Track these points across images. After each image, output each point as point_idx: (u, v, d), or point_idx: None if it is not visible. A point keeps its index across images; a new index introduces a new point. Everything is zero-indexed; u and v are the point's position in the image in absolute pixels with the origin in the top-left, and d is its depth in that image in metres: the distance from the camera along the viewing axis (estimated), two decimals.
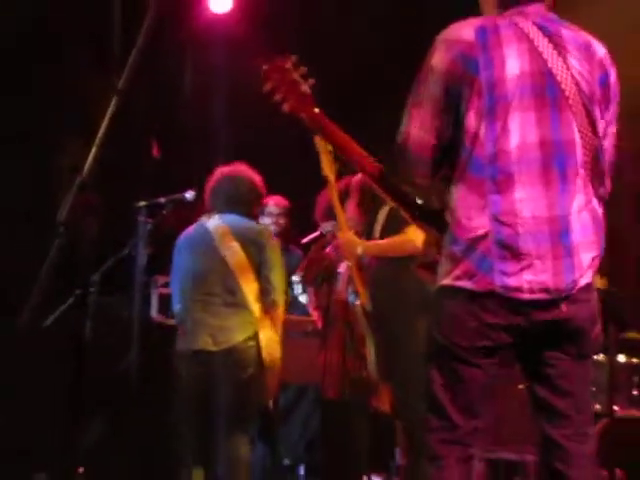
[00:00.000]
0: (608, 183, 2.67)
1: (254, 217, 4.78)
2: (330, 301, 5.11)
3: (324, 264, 5.30)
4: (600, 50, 2.66)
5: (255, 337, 4.45)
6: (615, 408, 4.11)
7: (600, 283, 4.46)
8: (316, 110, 2.79)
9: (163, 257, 4.98)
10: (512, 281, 2.46)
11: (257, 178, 4.71)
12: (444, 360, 2.58)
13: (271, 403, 4.82)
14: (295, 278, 5.83)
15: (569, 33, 2.63)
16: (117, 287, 5.13)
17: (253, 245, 4.54)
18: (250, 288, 4.48)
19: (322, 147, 4.47)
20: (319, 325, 5.34)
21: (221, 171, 4.75)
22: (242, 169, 4.72)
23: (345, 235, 4.53)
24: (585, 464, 2.60)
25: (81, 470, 4.61)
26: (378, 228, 4.57)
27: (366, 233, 4.65)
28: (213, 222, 4.61)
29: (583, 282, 2.51)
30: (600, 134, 2.60)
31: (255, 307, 4.48)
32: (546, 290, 2.47)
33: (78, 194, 2.55)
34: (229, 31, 6.68)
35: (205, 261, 4.53)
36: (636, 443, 4.03)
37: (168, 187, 5.09)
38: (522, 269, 2.46)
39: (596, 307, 2.62)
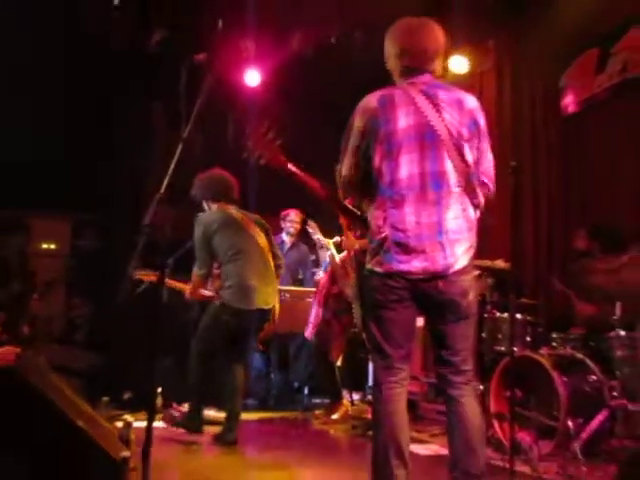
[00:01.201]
0: (480, 197, 2.69)
1: None
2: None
3: None
4: (471, 103, 2.68)
5: None
6: (514, 349, 4.13)
7: (505, 266, 4.52)
8: (282, 158, 2.84)
9: None
10: (404, 267, 2.54)
11: None
12: (374, 312, 2.64)
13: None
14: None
15: (445, 93, 2.65)
16: (183, 268, 5.15)
17: (265, 230, 4.46)
18: (272, 263, 4.42)
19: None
20: None
21: (213, 171, 4.53)
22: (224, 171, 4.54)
23: (348, 238, 4.64)
24: (465, 388, 2.65)
25: (159, 389, 4.66)
26: None
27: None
28: (234, 212, 4.39)
29: (457, 267, 2.57)
30: (470, 163, 2.64)
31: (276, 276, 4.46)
32: (426, 272, 2.54)
33: (157, 206, 2.62)
34: (258, 97, 6.69)
35: (248, 242, 4.31)
36: (528, 372, 4.04)
37: None
38: (411, 259, 2.54)
39: (467, 284, 2.64)
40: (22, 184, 6.93)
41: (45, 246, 8.23)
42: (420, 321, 3.03)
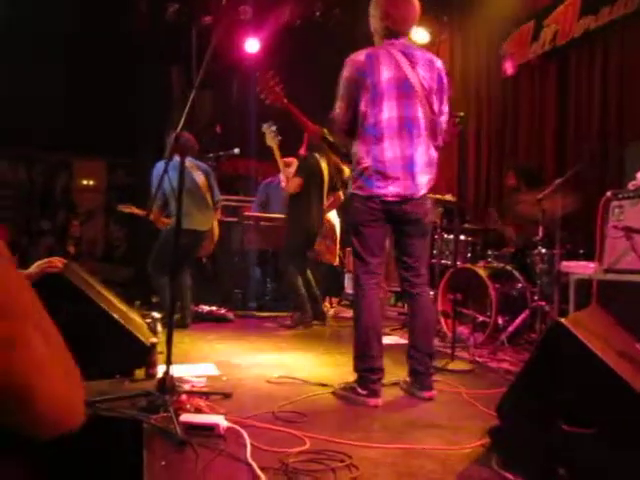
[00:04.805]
0: (440, 140, 2.67)
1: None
2: None
3: None
4: (438, 63, 2.64)
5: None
6: (458, 263, 4.16)
7: (452, 198, 4.48)
8: (285, 100, 2.77)
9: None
10: (382, 191, 2.53)
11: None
12: (356, 229, 2.61)
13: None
14: None
15: (419, 53, 2.61)
16: None
17: (206, 174, 4.42)
18: (209, 198, 4.44)
19: (269, 135, 4.56)
20: None
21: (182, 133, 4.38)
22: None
23: (285, 172, 4.67)
24: (422, 287, 2.68)
25: None
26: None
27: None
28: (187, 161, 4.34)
29: (420, 193, 2.57)
30: (436, 112, 2.61)
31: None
32: (398, 196, 2.53)
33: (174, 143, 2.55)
34: (258, 61, 6.44)
35: (189, 182, 4.10)
36: (467, 281, 4.06)
37: (224, 147, 4.96)
38: (387, 185, 2.52)
39: (427, 207, 2.64)
40: (67, 133, 6.78)
41: (85, 182, 8.14)
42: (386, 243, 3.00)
